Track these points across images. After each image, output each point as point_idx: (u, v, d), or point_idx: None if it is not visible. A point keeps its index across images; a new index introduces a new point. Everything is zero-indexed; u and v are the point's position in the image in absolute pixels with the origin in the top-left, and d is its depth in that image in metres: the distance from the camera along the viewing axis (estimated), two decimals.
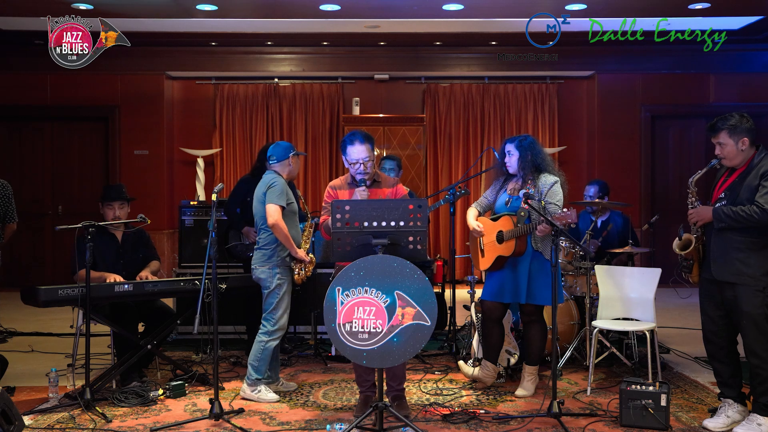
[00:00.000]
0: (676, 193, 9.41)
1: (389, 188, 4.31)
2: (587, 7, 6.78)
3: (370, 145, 4.21)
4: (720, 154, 3.90)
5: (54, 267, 9.48)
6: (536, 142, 4.62)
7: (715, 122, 3.91)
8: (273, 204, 4.42)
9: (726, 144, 3.86)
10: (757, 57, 9.44)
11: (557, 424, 3.92)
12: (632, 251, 5.45)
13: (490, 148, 8.38)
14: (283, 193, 4.46)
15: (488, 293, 4.63)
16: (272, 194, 4.44)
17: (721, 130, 3.86)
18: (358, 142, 4.16)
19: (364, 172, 4.17)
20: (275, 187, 4.46)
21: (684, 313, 7.07)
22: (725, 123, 3.85)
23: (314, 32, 8.63)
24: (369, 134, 4.25)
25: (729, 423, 3.89)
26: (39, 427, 4.03)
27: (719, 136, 3.87)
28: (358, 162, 4.17)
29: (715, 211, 3.82)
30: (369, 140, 4.21)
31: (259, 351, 4.49)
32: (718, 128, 3.88)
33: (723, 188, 3.91)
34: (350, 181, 4.28)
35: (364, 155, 4.16)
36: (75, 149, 9.66)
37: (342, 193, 4.27)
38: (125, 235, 5.05)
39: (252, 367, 4.50)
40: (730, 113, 3.91)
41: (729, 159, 3.88)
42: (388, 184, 4.35)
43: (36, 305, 4.39)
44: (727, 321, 3.91)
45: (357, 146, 4.16)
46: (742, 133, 3.82)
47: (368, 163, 4.17)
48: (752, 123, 3.88)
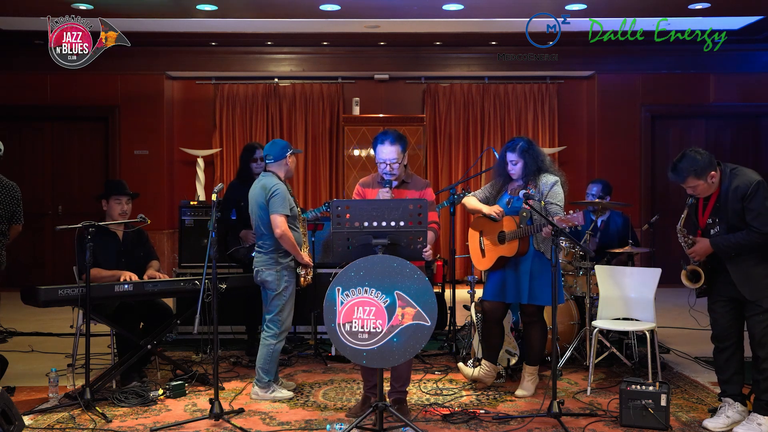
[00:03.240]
0: (676, 193, 9.38)
1: (417, 190, 4.27)
2: (587, 7, 6.78)
3: (401, 147, 4.17)
4: (693, 193, 3.91)
5: (54, 267, 9.47)
6: (534, 143, 4.61)
7: (676, 168, 3.86)
8: (278, 215, 4.40)
9: (697, 185, 3.85)
10: (757, 57, 9.43)
11: (557, 424, 3.92)
12: (632, 251, 5.45)
13: (490, 148, 8.40)
14: (285, 200, 4.45)
15: (489, 293, 4.63)
16: (276, 204, 4.41)
17: (687, 177, 3.83)
18: (388, 143, 4.15)
19: (390, 173, 4.16)
20: (278, 195, 4.43)
21: (684, 313, 7.05)
22: (689, 169, 3.80)
23: (314, 32, 8.63)
24: (402, 135, 4.22)
25: (729, 423, 3.89)
26: (39, 427, 4.03)
27: (687, 181, 3.85)
28: (385, 162, 4.16)
29: (716, 246, 3.83)
30: (400, 141, 4.17)
31: (269, 354, 4.50)
32: (683, 176, 3.84)
33: (708, 213, 3.93)
34: (379, 180, 4.27)
35: (391, 156, 4.15)
36: (75, 149, 9.66)
37: (371, 191, 4.27)
38: (126, 234, 5.05)
39: (262, 370, 4.51)
40: (682, 153, 3.87)
41: (705, 193, 3.90)
42: (417, 185, 4.30)
43: (36, 305, 4.39)
44: (737, 319, 3.92)
45: (387, 146, 4.15)
46: (706, 169, 3.80)
47: (394, 165, 4.15)
48: (707, 153, 3.85)
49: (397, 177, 4.22)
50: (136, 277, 4.75)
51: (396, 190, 4.20)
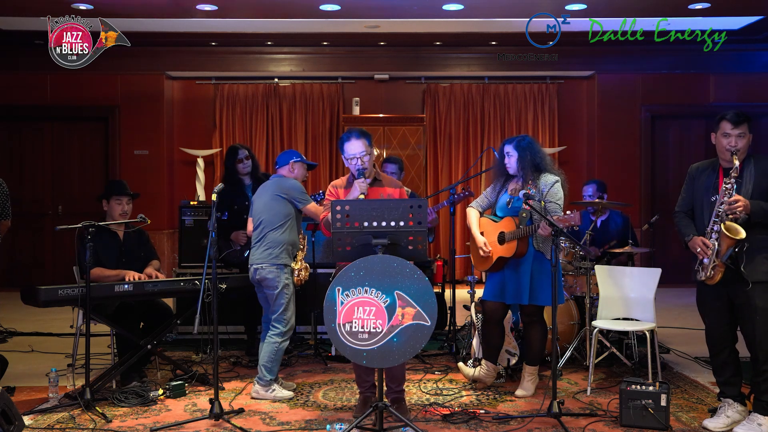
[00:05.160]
0: (676, 193, 9.34)
1: (392, 188, 4.30)
2: (587, 7, 6.78)
3: (367, 140, 4.23)
4: (736, 146, 3.84)
5: (54, 267, 9.47)
6: (535, 141, 4.62)
7: (740, 112, 3.88)
8: (311, 204, 4.65)
9: (746, 135, 3.85)
10: (757, 57, 9.44)
11: (557, 424, 3.92)
12: (632, 251, 5.45)
13: (490, 148, 8.39)
14: (304, 190, 4.69)
15: (490, 294, 4.63)
16: (302, 195, 4.64)
17: (745, 122, 3.85)
18: (354, 138, 4.20)
19: (363, 167, 4.19)
20: (296, 187, 4.65)
21: (684, 313, 7.06)
22: (746, 116, 3.86)
23: (314, 32, 8.63)
24: (365, 131, 4.30)
25: (729, 423, 3.89)
26: (39, 427, 4.03)
27: (743, 126, 3.85)
28: (355, 157, 4.19)
29: (755, 206, 3.74)
30: (365, 136, 4.25)
31: (273, 352, 4.52)
32: (743, 119, 3.85)
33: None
34: (351, 179, 4.29)
35: (360, 149, 4.18)
36: (75, 149, 9.66)
37: (343, 191, 4.29)
38: (126, 234, 5.05)
39: (266, 368, 4.52)
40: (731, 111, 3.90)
41: (741, 152, 3.86)
42: (390, 184, 4.35)
43: (36, 305, 4.39)
44: (731, 320, 3.91)
45: (353, 141, 4.20)
46: (751, 128, 3.87)
47: (365, 158, 4.19)
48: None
49: (368, 173, 4.24)
50: (139, 276, 4.75)
51: (369, 188, 4.20)
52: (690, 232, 3.98)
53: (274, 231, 4.56)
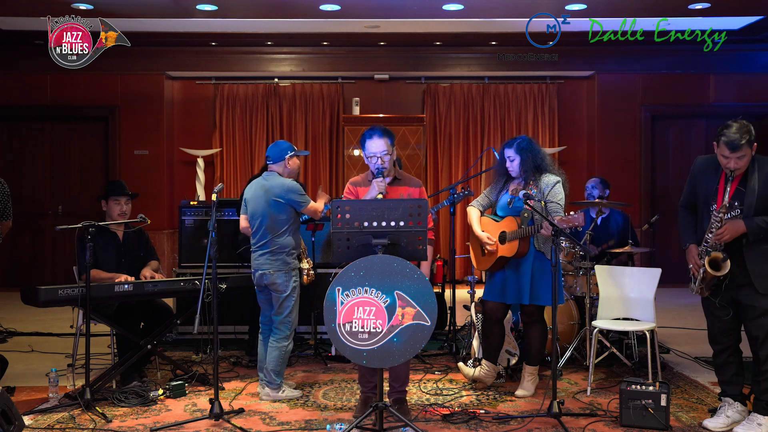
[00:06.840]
0: (676, 193, 9.39)
1: (412, 187, 4.29)
2: (587, 7, 6.78)
3: (389, 139, 4.22)
4: (736, 166, 3.72)
5: (54, 267, 9.48)
6: (534, 141, 4.61)
7: (738, 138, 3.67)
8: (310, 203, 4.59)
9: (746, 155, 3.72)
10: (757, 57, 9.43)
11: (557, 424, 3.92)
12: (632, 251, 5.45)
13: (490, 148, 8.40)
14: (302, 190, 4.61)
15: (490, 293, 4.63)
16: (301, 197, 4.55)
17: (746, 144, 3.68)
18: (377, 136, 4.20)
19: (382, 166, 4.19)
20: (294, 189, 4.54)
21: (684, 313, 7.07)
22: (746, 137, 3.68)
23: (314, 32, 8.63)
24: (389, 129, 4.27)
25: (729, 423, 3.89)
26: (39, 427, 4.03)
27: (742, 149, 3.69)
28: (375, 155, 4.19)
29: (751, 225, 3.70)
30: (388, 135, 4.23)
31: (281, 356, 4.53)
32: (743, 143, 3.67)
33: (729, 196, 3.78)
34: (370, 178, 4.28)
35: (381, 148, 4.17)
36: (75, 149, 9.66)
37: (363, 189, 4.29)
38: (126, 234, 5.05)
39: (275, 372, 4.53)
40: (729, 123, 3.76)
41: (742, 169, 3.77)
42: (411, 182, 4.33)
43: (36, 305, 4.38)
44: (734, 321, 3.91)
45: (375, 140, 4.19)
46: (753, 140, 3.73)
47: (385, 157, 4.19)
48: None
49: (388, 172, 4.23)
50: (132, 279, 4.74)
51: (388, 187, 4.20)
52: (687, 240, 3.98)
53: (278, 237, 4.52)
